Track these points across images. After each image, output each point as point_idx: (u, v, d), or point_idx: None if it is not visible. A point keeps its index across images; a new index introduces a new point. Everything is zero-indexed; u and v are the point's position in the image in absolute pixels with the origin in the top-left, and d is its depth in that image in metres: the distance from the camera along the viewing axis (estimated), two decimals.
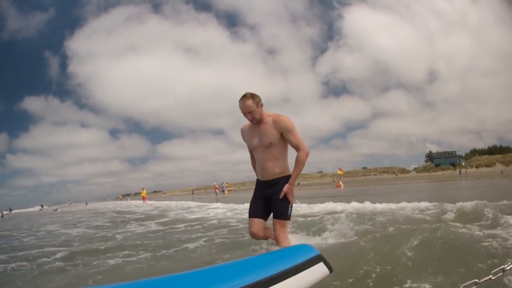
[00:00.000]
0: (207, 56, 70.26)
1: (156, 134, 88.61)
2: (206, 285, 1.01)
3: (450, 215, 3.60)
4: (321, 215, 4.76)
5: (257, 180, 2.62)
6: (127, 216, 9.60)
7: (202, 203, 12.50)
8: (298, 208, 5.94)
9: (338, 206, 5.90)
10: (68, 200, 42.31)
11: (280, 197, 2.38)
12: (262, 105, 2.43)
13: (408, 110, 64.66)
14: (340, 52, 64.35)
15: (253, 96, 2.39)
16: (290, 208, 2.44)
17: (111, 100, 75.97)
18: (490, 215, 3.17)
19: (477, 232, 2.53)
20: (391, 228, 3.11)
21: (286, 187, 2.40)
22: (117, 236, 4.86)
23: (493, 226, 2.81)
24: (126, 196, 51.67)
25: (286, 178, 2.49)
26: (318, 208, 5.98)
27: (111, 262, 2.94)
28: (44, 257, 3.37)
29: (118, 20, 65.42)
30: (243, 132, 2.63)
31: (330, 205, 6.20)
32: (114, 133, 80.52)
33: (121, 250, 3.47)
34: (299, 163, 2.39)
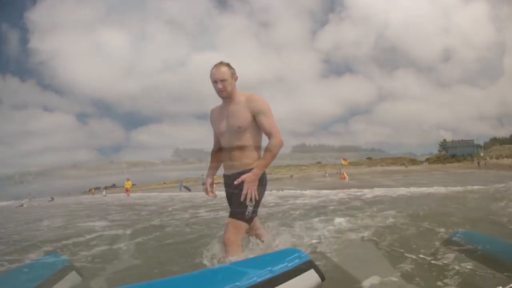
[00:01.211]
0: (191, 30, 69.31)
1: (131, 119, 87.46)
2: None
3: None
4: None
5: (223, 175, 2.50)
6: (145, 207, 9.28)
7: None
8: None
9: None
10: (29, 194, 41.27)
11: (236, 182, 2.22)
12: (236, 79, 2.39)
13: (420, 93, 66.16)
14: (343, 25, 65.25)
15: (229, 65, 2.37)
16: (249, 208, 2.21)
17: (79, 80, 74.31)
18: None
19: None
20: None
21: (246, 176, 2.20)
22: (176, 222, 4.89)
23: None
24: (97, 189, 50.74)
25: None
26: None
27: None
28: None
29: None
30: (211, 114, 2.54)
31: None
32: (82, 118, 79.05)
33: None
34: (270, 150, 2.24)
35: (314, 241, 2.46)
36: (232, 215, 2.25)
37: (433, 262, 1.73)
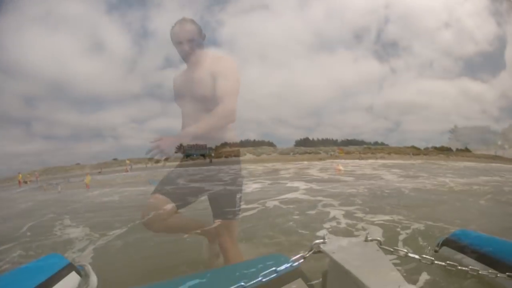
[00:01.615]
0: None
1: (89, 102, 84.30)
2: None
3: None
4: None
5: None
6: (121, 204, 8.62)
7: None
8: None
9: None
10: None
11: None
12: (204, 37, 2.14)
13: (426, 70, 65.19)
14: None
15: (193, 21, 2.09)
16: (238, 201, 2.06)
17: (27, 57, 70.35)
18: None
19: None
20: None
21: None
22: None
23: None
24: (50, 185, 49.36)
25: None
26: None
27: None
28: None
29: None
30: (174, 82, 2.27)
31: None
32: (31, 102, 75.92)
33: None
34: (214, 114, 1.90)
35: (317, 241, 2.59)
36: (223, 216, 2.04)
37: (436, 262, 1.90)
